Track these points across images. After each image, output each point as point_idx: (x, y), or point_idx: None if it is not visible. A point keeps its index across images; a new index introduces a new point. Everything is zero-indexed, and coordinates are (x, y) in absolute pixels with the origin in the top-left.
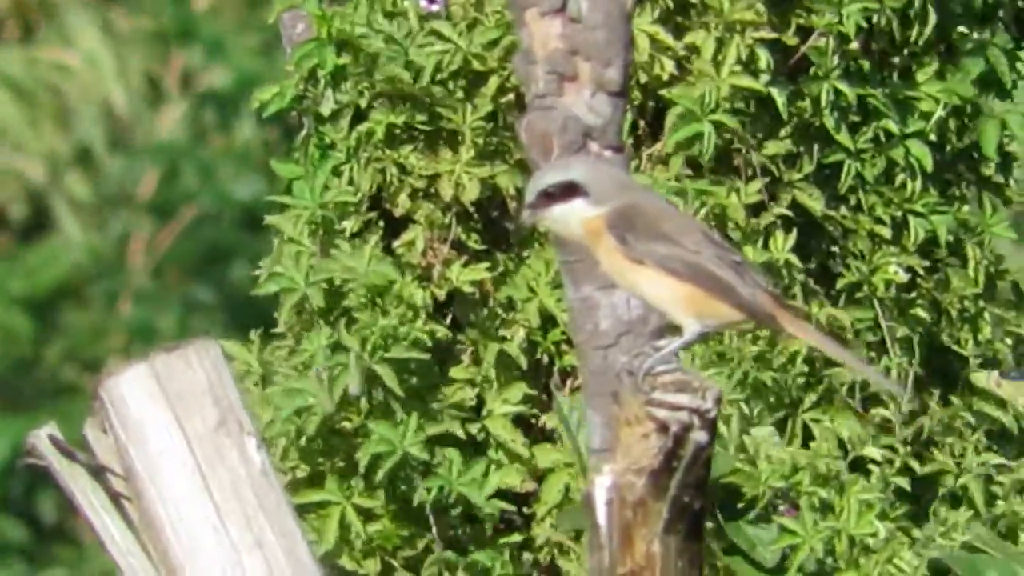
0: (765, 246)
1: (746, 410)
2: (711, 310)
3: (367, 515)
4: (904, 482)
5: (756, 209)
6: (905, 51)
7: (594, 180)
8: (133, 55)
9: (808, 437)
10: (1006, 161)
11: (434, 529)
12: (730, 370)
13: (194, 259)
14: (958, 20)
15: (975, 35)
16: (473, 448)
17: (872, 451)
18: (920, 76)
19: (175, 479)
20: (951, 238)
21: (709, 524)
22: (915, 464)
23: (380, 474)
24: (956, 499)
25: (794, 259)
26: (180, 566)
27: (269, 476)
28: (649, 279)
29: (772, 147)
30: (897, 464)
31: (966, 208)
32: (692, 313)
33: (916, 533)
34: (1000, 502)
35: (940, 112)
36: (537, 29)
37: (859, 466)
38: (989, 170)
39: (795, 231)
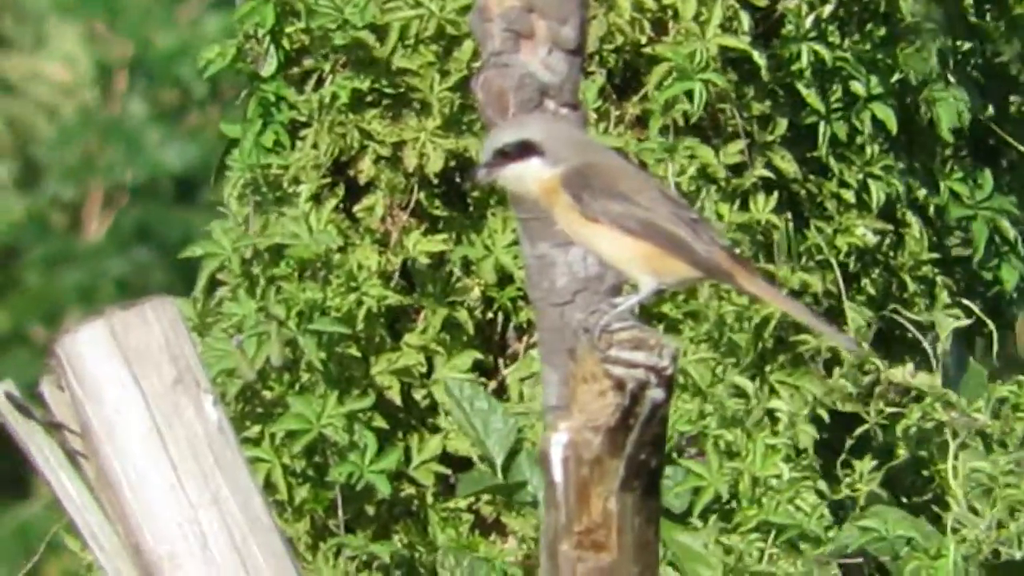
0: (744, 207)
1: (717, 369)
2: (667, 267)
3: (300, 477)
4: (811, 429)
5: (735, 170)
6: (853, 16)
7: (550, 138)
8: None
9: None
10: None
11: (339, 511)
12: (705, 330)
13: (132, 226)
14: None
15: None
16: (419, 414)
17: (779, 404)
18: (869, 42)
19: (132, 436)
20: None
21: None
22: (823, 414)
23: (296, 449)
24: (862, 449)
25: (776, 220)
26: (137, 523)
27: (226, 433)
28: (605, 237)
29: (752, 108)
30: (805, 413)
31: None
32: (648, 271)
33: (822, 484)
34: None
35: (898, 76)
36: None
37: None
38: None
39: (776, 193)
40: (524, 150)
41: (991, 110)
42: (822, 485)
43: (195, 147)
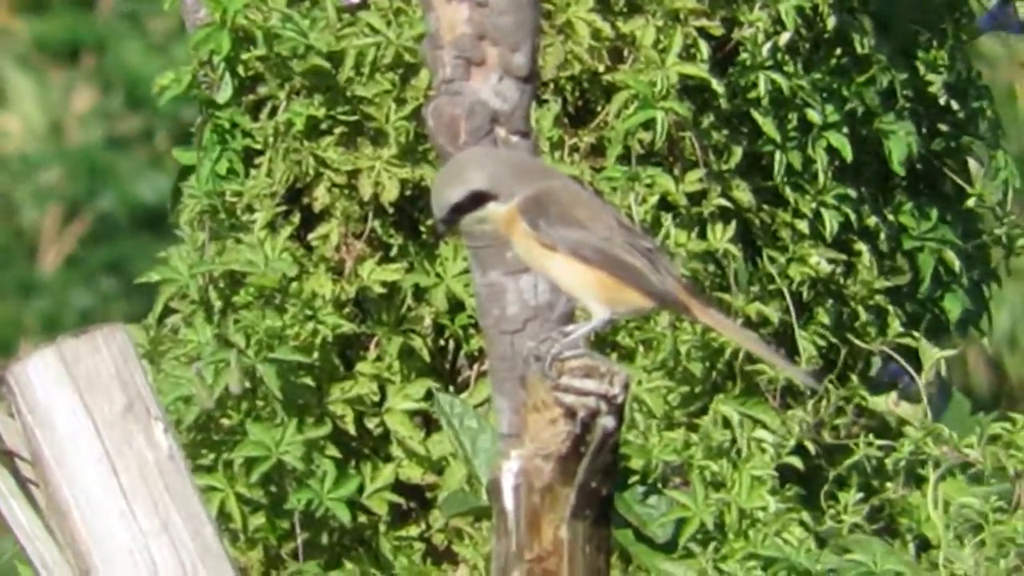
0: (702, 236)
1: (670, 398)
2: (621, 297)
3: (255, 505)
4: (797, 461)
5: (693, 199)
6: (807, 45)
7: (496, 179)
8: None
9: (727, 427)
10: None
11: (299, 539)
12: (660, 359)
13: (99, 257)
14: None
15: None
16: (372, 443)
17: (764, 434)
18: (822, 71)
19: (82, 464)
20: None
21: None
22: (809, 445)
23: (254, 476)
24: (845, 482)
25: (733, 249)
26: (87, 551)
27: (176, 460)
28: (560, 265)
29: (709, 137)
30: (791, 444)
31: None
32: (602, 300)
33: (805, 515)
34: (888, 484)
35: (853, 104)
36: (444, 13)
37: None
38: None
39: (734, 222)
40: (476, 200)
41: (922, 142)
42: (806, 517)
43: (164, 176)
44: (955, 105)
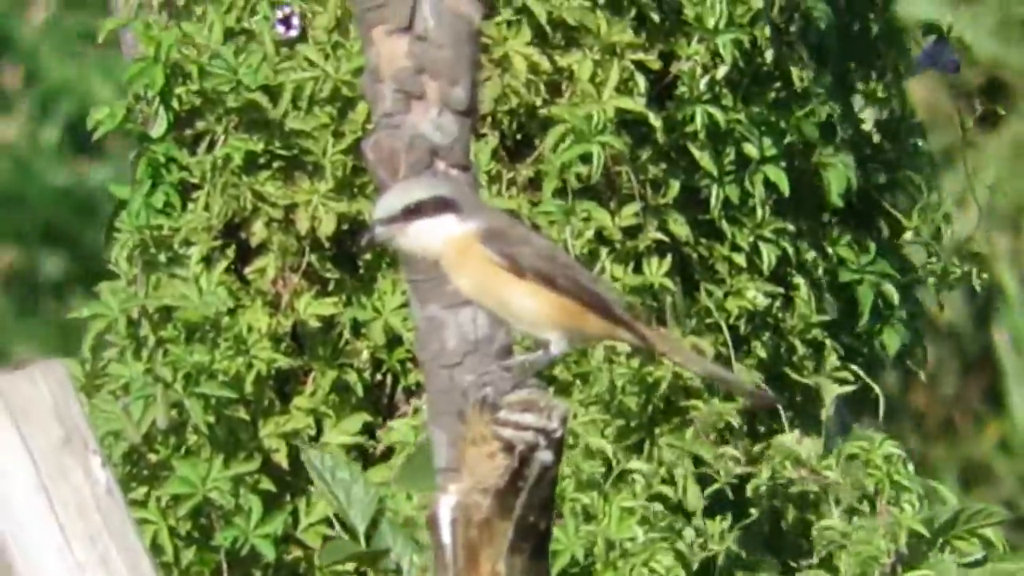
0: (637, 270)
1: (607, 431)
2: (582, 323)
3: (190, 539)
4: (669, 491)
5: (629, 233)
6: (746, 79)
7: (462, 197)
8: None
9: (662, 462)
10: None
11: (225, 573)
12: (596, 393)
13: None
14: (795, 60)
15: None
16: (307, 477)
17: (639, 464)
18: (760, 105)
19: (19, 498)
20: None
21: None
22: (677, 473)
23: (181, 512)
24: (714, 510)
25: (668, 283)
26: None
27: (114, 494)
28: (526, 292)
29: (646, 171)
30: (661, 474)
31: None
32: (564, 327)
33: (679, 544)
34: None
35: (790, 139)
36: (384, 47)
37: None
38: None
39: (670, 256)
40: (439, 207)
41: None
42: (681, 546)
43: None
44: (887, 144)
